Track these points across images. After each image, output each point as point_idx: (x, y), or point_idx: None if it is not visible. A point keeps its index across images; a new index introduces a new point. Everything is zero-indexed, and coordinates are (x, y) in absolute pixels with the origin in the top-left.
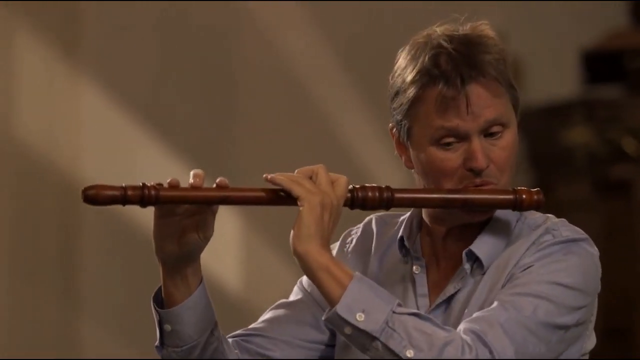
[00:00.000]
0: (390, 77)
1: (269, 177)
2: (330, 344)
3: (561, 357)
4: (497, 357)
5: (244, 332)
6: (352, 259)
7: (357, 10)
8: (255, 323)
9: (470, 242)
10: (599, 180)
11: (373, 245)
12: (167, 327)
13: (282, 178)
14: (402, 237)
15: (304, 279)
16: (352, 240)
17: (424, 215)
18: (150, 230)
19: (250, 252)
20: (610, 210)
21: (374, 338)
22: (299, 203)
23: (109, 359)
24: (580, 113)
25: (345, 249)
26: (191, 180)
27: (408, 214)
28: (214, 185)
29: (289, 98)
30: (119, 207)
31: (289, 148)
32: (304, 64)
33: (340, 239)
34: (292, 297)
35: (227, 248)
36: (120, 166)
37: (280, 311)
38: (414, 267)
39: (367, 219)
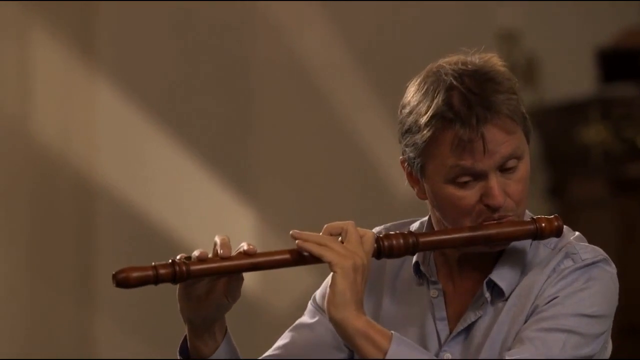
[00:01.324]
0: (399, 111)
1: (297, 243)
2: (352, 358)
3: None
4: None
5: (266, 358)
6: (368, 282)
7: (372, 9)
8: (275, 348)
9: (487, 265)
10: (614, 178)
11: (386, 266)
12: None
13: (311, 244)
14: (417, 263)
15: (317, 295)
16: None
17: None
18: (166, 229)
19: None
20: (625, 208)
21: None
22: (330, 268)
23: (124, 358)
24: (595, 111)
25: None
26: (220, 251)
27: (418, 223)
28: (242, 250)
29: (305, 97)
30: (135, 204)
31: (304, 146)
32: (320, 63)
33: None
34: (309, 318)
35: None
36: (135, 165)
37: (299, 334)
38: (431, 292)
39: (375, 230)
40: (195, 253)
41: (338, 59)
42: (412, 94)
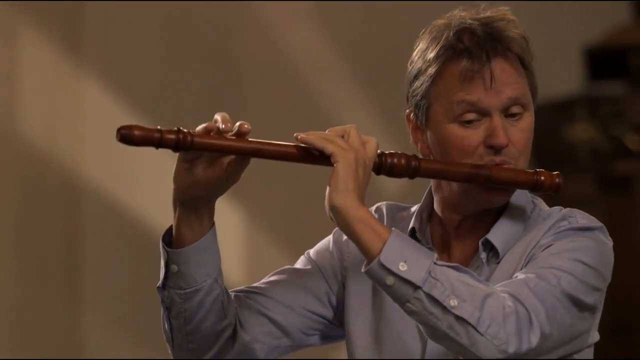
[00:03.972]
0: (409, 63)
1: (299, 136)
2: (332, 322)
3: (574, 347)
4: (532, 315)
5: (246, 288)
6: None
7: (360, 8)
8: (259, 282)
9: (484, 231)
10: (602, 176)
11: None
12: (174, 267)
13: (314, 137)
14: (413, 229)
15: (311, 251)
16: None
17: (435, 206)
18: (154, 229)
19: (253, 250)
20: (613, 206)
21: (417, 287)
22: (332, 160)
23: (112, 358)
24: (583, 109)
25: None
26: (222, 126)
27: (417, 206)
28: (235, 129)
29: (294, 95)
30: (123, 203)
31: None
32: (309, 61)
33: None
34: (299, 266)
35: (230, 246)
36: (123, 164)
37: (286, 275)
38: None
39: (377, 205)
40: (202, 125)
41: (327, 58)
42: (420, 43)
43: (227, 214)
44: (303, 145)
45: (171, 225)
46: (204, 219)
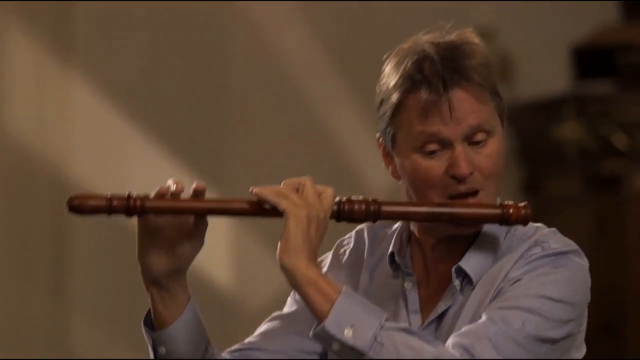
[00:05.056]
0: (377, 86)
1: (254, 190)
2: (325, 352)
3: None
4: None
5: (240, 347)
6: (345, 273)
7: (348, 8)
8: (251, 337)
9: (460, 255)
10: (589, 175)
11: (364, 258)
12: (162, 349)
13: (268, 192)
14: (392, 253)
15: None
16: (345, 252)
17: (411, 227)
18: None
19: (241, 250)
20: (601, 205)
21: (362, 354)
22: (285, 217)
23: (99, 358)
24: (570, 108)
25: (339, 260)
26: (172, 187)
27: (398, 225)
28: (191, 190)
29: (282, 96)
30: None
31: (281, 146)
32: (297, 62)
33: (333, 249)
34: (287, 309)
35: (218, 245)
36: (111, 164)
37: (276, 323)
38: (405, 283)
39: (358, 228)
40: (155, 190)
41: (315, 57)
42: (387, 67)
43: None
44: (256, 200)
45: (149, 309)
46: (179, 296)
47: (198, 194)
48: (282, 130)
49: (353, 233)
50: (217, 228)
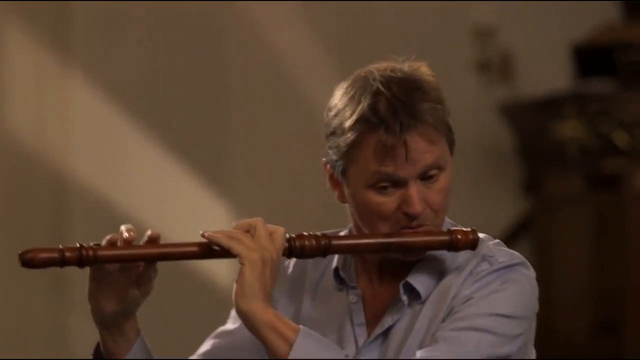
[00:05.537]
0: (325, 113)
1: (206, 234)
2: None
3: None
4: None
5: None
6: (289, 286)
7: (348, 8)
8: (195, 355)
9: (406, 270)
10: (590, 174)
11: (308, 272)
12: None
13: (220, 236)
14: (336, 268)
15: None
16: (289, 265)
17: None
18: (142, 225)
19: None
20: (601, 203)
21: None
22: (239, 261)
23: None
24: (571, 107)
25: (284, 274)
26: (125, 235)
27: (344, 233)
28: (145, 238)
29: (281, 95)
30: (110, 200)
31: (281, 145)
32: (296, 61)
33: None
34: (231, 324)
35: None
36: (110, 163)
37: (221, 341)
38: (351, 297)
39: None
40: (106, 239)
41: (313, 57)
42: (339, 97)
43: (213, 212)
44: (208, 243)
45: (98, 342)
46: (128, 333)
47: (153, 241)
48: (282, 129)
49: None
50: (215, 226)
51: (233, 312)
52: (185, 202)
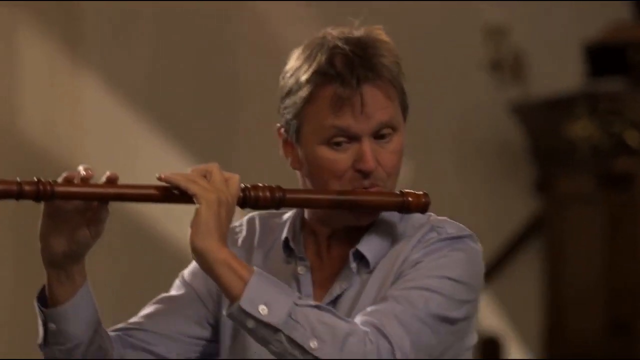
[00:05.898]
0: (280, 78)
1: (162, 176)
2: (213, 340)
3: (448, 356)
4: (396, 348)
5: (125, 326)
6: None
7: (358, 5)
8: (136, 317)
9: (355, 242)
10: (602, 173)
11: (255, 246)
12: (52, 326)
13: (178, 177)
14: (286, 239)
15: (185, 273)
16: (237, 240)
17: (307, 217)
18: (153, 224)
19: None
20: (613, 203)
21: (277, 330)
22: (195, 201)
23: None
24: (583, 106)
25: (235, 246)
26: (82, 173)
27: (290, 213)
28: (104, 179)
29: None
30: (124, 204)
31: None
32: None
33: None
34: (174, 292)
35: None
36: (121, 160)
37: (162, 306)
38: (299, 268)
39: (248, 216)
40: (63, 175)
41: None
42: (294, 59)
43: None
44: (165, 185)
45: (44, 285)
46: (75, 276)
47: (111, 182)
48: None
49: (244, 221)
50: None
51: (177, 281)
52: None
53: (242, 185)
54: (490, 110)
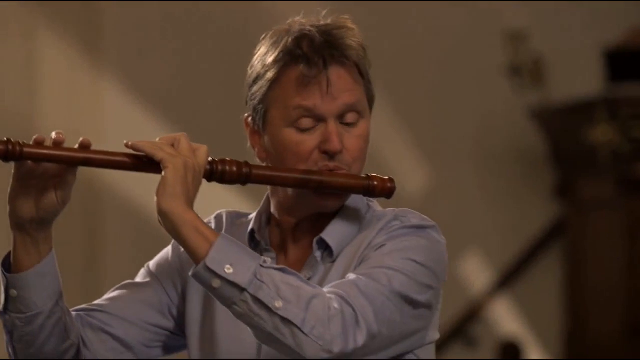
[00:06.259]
0: (249, 67)
1: (129, 143)
2: (175, 333)
3: (410, 343)
4: (359, 315)
5: (87, 307)
6: None
7: (378, 7)
8: (100, 299)
9: (320, 232)
10: (622, 178)
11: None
12: (13, 292)
13: (144, 144)
14: (252, 230)
15: (151, 264)
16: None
17: (272, 210)
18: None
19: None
20: (633, 208)
21: (242, 290)
22: (162, 166)
23: None
24: (603, 111)
25: None
26: (53, 136)
27: (256, 211)
28: (77, 145)
29: None
30: (142, 201)
31: None
32: None
33: None
34: (139, 279)
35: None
36: None
37: (126, 291)
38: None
39: (217, 212)
40: (34, 137)
41: None
42: (261, 47)
43: (245, 209)
44: (133, 153)
45: (9, 252)
46: (40, 244)
47: (84, 147)
48: None
49: (212, 217)
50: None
51: (142, 270)
52: (215, 203)
53: (210, 158)
54: (510, 115)
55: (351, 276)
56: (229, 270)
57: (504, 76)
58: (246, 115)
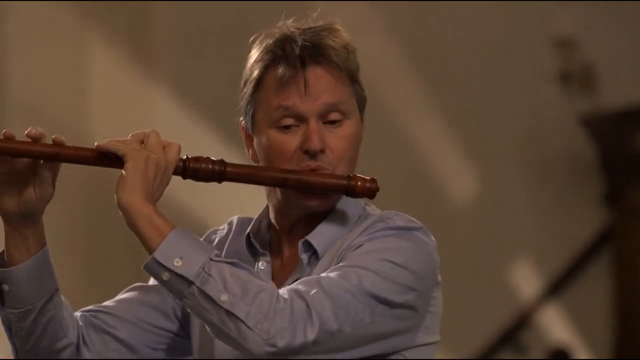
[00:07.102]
0: (243, 74)
1: (97, 143)
2: (179, 335)
3: (395, 343)
4: (312, 309)
5: (93, 307)
6: None
7: (424, 9)
8: (109, 301)
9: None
10: None
11: (227, 243)
12: (5, 287)
13: (111, 141)
14: (248, 235)
15: None
16: (214, 239)
17: (269, 214)
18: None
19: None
20: None
21: (190, 283)
22: (124, 160)
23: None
24: None
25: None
26: (27, 130)
27: (256, 216)
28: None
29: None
30: (189, 208)
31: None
32: (372, 65)
33: (204, 236)
34: (150, 282)
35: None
36: None
37: (134, 293)
38: (260, 263)
39: (230, 218)
40: (4, 131)
41: (391, 62)
42: (252, 51)
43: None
44: (102, 149)
45: (3, 250)
46: (29, 239)
47: (57, 143)
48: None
49: (226, 224)
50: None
51: None
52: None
53: (184, 156)
54: (560, 123)
55: (322, 274)
56: (177, 263)
57: (553, 83)
58: (241, 119)
